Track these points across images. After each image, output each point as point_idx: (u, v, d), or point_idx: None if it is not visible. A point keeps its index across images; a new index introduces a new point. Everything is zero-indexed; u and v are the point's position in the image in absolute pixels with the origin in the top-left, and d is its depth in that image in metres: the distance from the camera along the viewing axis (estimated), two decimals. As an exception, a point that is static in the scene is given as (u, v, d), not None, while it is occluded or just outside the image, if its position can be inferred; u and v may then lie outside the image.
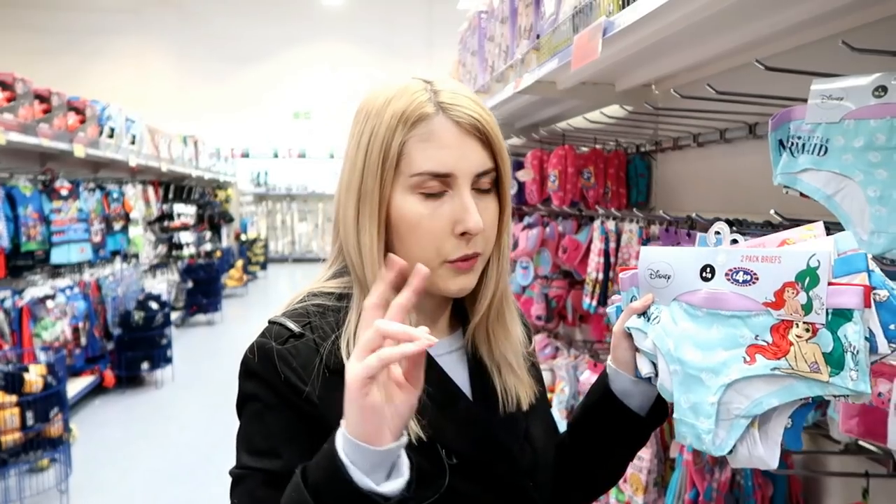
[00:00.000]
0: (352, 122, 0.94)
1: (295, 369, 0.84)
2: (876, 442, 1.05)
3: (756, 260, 0.77)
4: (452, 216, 0.87)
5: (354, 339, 0.85)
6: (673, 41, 1.62)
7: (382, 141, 0.87)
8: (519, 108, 2.92)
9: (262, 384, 0.85)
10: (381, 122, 0.87)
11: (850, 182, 0.97)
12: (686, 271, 0.84)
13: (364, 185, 0.88)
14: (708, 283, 0.82)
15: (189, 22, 14.91)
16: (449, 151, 0.87)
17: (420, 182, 0.86)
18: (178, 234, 8.95)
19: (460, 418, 0.90)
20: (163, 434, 4.97)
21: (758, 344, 0.78)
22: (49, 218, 5.01)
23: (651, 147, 2.38)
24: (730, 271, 0.80)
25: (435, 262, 0.88)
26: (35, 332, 4.70)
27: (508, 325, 0.99)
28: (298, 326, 0.88)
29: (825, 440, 1.47)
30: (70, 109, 5.38)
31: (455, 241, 0.88)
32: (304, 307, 0.90)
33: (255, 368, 0.86)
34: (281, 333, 0.87)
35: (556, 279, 2.88)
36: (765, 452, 0.80)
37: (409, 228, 0.87)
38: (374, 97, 0.91)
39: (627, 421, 0.98)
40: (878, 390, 1.06)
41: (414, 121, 0.87)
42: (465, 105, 0.88)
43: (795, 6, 1.31)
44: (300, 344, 0.86)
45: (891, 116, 0.93)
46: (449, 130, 0.87)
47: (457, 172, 0.87)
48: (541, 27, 2.06)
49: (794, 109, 1.06)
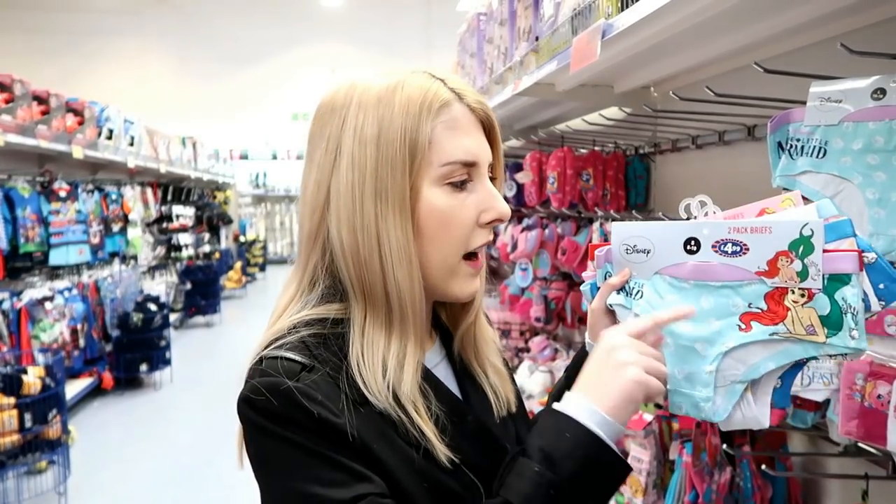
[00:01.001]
0: (325, 118, 0.86)
1: (321, 402, 0.75)
2: (875, 444, 1.05)
3: (745, 231, 0.78)
4: (479, 205, 0.85)
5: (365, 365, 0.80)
6: (672, 43, 1.62)
7: (403, 130, 0.80)
8: (518, 110, 2.92)
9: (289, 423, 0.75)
10: (393, 111, 0.81)
11: (848, 184, 0.97)
12: (668, 245, 0.84)
13: (382, 182, 0.80)
14: (694, 255, 0.82)
15: (188, 23, 14.91)
16: (472, 139, 0.84)
17: (450, 172, 0.82)
18: (177, 235, 8.94)
19: (471, 432, 0.85)
20: (161, 436, 4.96)
21: (752, 311, 0.79)
22: (47, 219, 5.01)
23: (650, 149, 2.38)
24: (717, 243, 0.80)
25: (457, 258, 0.85)
26: (33, 334, 4.69)
27: (486, 327, 0.98)
28: (305, 358, 0.79)
29: (824, 442, 1.47)
30: (68, 111, 5.38)
31: (480, 230, 0.86)
32: (300, 339, 0.81)
33: (275, 410, 0.75)
34: (291, 368, 0.77)
35: (555, 281, 2.88)
36: (758, 412, 0.83)
37: (442, 222, 0.82)
38: (364, 88, 0.84)
39: None
40: (877, 392, 1.06)
41: (439, 107, 0.82)
42: (472, 92, 0.87)
43: (794, 9, 1.31)
44: (317, 378, 0.77)
45: (889, 119, 0.93)
46: (466, 117, 0.85)
47: (480, 160, 0.85)
48: (540, 29, 2.06)
49: (792, 112, 1.06)
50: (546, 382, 2.79)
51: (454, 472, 0.80)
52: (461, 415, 0.86)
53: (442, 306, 0.97)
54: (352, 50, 15.10)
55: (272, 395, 0.75)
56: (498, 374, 0.96)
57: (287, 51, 15.23)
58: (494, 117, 0.89)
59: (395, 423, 0.79)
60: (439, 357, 0.94)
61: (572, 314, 2.79)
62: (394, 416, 0.79)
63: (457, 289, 0.86)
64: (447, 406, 0.83)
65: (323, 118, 0.86)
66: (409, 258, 0.81)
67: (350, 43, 15.18)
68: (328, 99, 0.87)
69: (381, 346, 0.81)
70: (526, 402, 1.30)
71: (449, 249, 0.83)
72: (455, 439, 0.82)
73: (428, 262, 0.83)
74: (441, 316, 0.97)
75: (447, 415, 0.82)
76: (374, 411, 0.78)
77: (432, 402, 0.82)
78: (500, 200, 0.85)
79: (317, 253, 0.86)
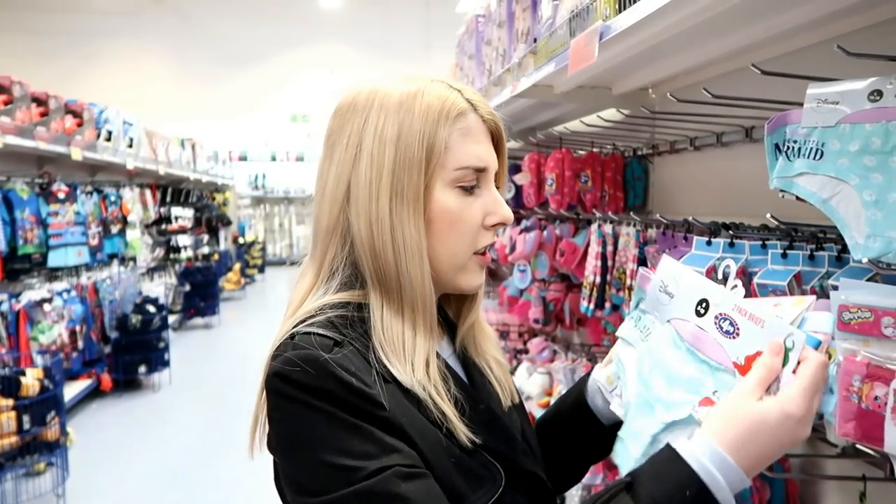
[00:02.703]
0: (346, 117, 0.90)
1: (355, 374, 0.79)
2: (873, 446, 1.05)
3: (744, 314, 0.78)
4: (485, 209, 0.91)
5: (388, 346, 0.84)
6: (669, 45, 1.62)
7: (422, 134, 0.86)
8: (516, 112, 2.92)
9: (325, 395, 0.77)
10: (413, 115, 0.87)
11: (845, 186, 0.97)
12: (686, 297, 0.85)
13: (399, 180, 0.86)
14: (700, 318, 0.82)
15: (187, 24, 14.92)
16: (484, 147, 0.91)
17: (462, 176, 0.88)
18: (176, 237, 8.93)
19: (484, 420, 0.89)
20: (160, 438, 4.96)
21: (711, 399, 0.78)
22: (46, 221, 5.00)
23: (648, 151, 2.38)
24: (719, 316, 0.80)
25: (467, 255, 0.91)
26: (32, 336, 4.69)
27: (485, 322, 1.03)
28: (336, 334, 0.82)
29: (822, 443, 1.47)
30: (67, 112, 5.38)
31: (485, 232, 0.92)
32: (328, 319, 0.84)
33: (312, 381, 0.77)
34: (323, 342, 0.80)
35: (554, 282, 2.88)
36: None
37: (452, 222, 0.88)
38: (386, 92, 0.89)
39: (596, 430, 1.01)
40: (874, 394, 1.06)
41: (456, 115, 0.88)
42: (485, 104, 0.93)
43: (791, 10, 1.31)
44: (348, 352, 0.81)
45: (886, 121, 0.93)
46: (479, 127, 0.91)
47: (489, 168, 0.91)
48: (538, 31, 2.07)
49: (789, 113, 1.06)
50: (544, 384, 2.79)
51: (474, 453, 0.84)
52: (475, 402, 0.90)
53: (447, 302, 1.01)
54: (351, 51, 15.11)
55: (308, 366, 0.78)
56: (500, 366, 1.01)
57: (286, 52, 15.24)
58: (504, 128, 0.95)
59: (420, 403, 0.82)
60: (449, 350, 0.98)
61: (571, 316, 2.79)
62: (420, 393, 0.82)
63: (464, 282, 0.92)
64: (463, 392, 0.88)
65: (344, 117, 0.91)
66: (420, 252, 0.86)
67: (349, 44, 15.18)
68: (350, 99, 0.92)
69: (399, 330, 0.86)
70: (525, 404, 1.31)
71: (457, 247, 0.90)
72: (472, 423, 0.86)
73: (437, 258, 0.89)
74: (448, 312, 1.02)
75: (465, 399, 0.87)
76: (400, 390, 0.82)
77: (451, 387, 0.86)
78: (504, 205, 0.92)
79: (336, 244, 0.91)
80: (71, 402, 4.96)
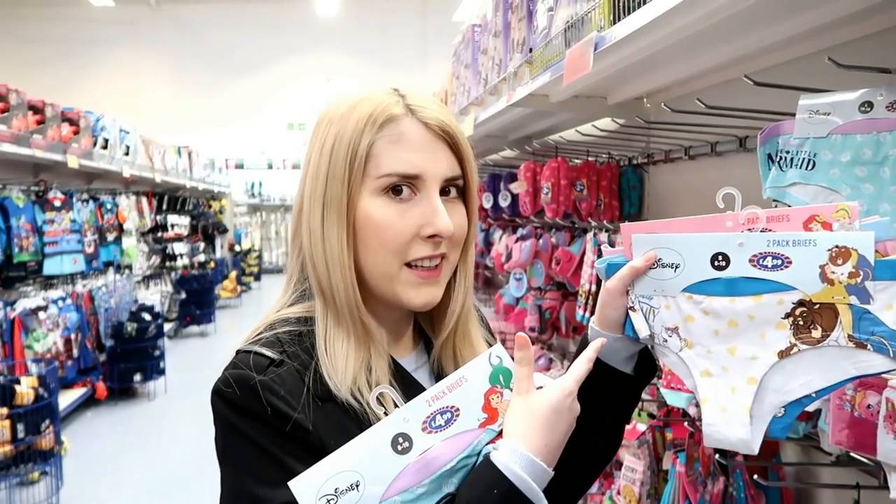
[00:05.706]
0: (312, 133, 0.92)
1: (283, 397, 0.80)
2: (866, 454, 1.06)
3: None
4: (421, 219, 0.85)
5: (329, 358, 0.84)
6: (663, 56, 1.64)
7: (349, 143, 0.85)
8: (512, 121, 2.93)
9: (250, 417, 0.80)
10: (347, 125, 0.86)
11: (837, 196, 0.99)
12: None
13: (329, 191, 0.86)
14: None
15: (184, 33, 14.94)
16: (418, 153, 0.86)
17: (388, 184, 0.85)
18: (172, 244, 8.92)
19: None
20: (155, 446, 4.94)
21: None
22: (42, 229, 4.99)
23: (643, 160, 2.40)
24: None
25: (395, 266, 0.86)
26: (27, 344, 4.68)
27: (474, 342, 0.98)
28: (276, 354, 0.83)
29: (817, 452, 1.47)
30: (64, 120, 5.37)
31: (421, 243, 0.86)
32: (274, 335, 0.86)
33: (240, 402, 0.81)
34: (259, 362, 0.82)
35: (550, 291, 2.89)
36: (751, 436, 0.80)
37: (376, 231, 0.85)
38: (338, 105, 0.90)
39: (616, 382, 0.95)
40: (867, 402, 1.06)
41: (382, 122, 0.86)
42: (433, 108, 0.88)
43: (783, 22, 1.33)
44: (283, 372, 0.82)
45: (877, 131, 0.94)
46: (418, 132, 0.86)
47: (425, 175, 0.86)
48: (533, 41, 2.08)
49: (782, 124, 1.07)
50: (541, 392, 2.79)
51: None
52: None
53: (424, 317, 0.99)
54: (347, 60, 15.13)
55: (238, 387, 0.81)
56: None
57: (282, 60, 15.26)
58: (458, 132, 0.90)
59: (359, 417, 0.82)
60: (419, 363, 0.96)
61: (567, 324, 2.80)
62: (356, 406, 0.82)
63: (404, 296, 0.88)
64: None
65: (313, 131, 0.93)
66: (342, 263, 0.85)
67: (346, 52, 15.21)
68: (320, 114, 0.93)
69: (342, 341, 0.86)
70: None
71: (384, 257, 0.86)
72: None
73: (365, 268, 0.88)
74: (425, 326, 0.99)
75: None
76: (338, 406, 0.82)
77: (402, 399, 0.83)
78: (441, 216, 0.85)
79: (295, 255, 0.93)
80: (66, 410, 4.94)
